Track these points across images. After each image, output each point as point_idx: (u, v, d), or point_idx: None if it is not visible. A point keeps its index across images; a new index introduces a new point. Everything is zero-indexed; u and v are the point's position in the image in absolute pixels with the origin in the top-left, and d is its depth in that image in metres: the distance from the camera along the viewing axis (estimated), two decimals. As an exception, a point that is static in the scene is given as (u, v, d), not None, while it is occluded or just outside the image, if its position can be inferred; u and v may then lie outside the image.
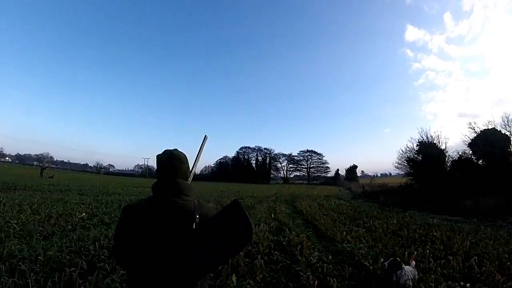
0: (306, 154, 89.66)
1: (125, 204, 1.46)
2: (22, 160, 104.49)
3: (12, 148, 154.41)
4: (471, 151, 17.49)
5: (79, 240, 5.06)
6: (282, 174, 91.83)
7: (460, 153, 18.30)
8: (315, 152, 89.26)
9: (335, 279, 4.19)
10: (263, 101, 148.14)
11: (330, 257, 5.53)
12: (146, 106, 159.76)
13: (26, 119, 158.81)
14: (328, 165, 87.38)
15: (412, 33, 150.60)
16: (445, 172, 18.64)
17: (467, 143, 17.76)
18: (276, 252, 5.40)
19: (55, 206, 9.16)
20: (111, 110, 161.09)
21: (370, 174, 78.12)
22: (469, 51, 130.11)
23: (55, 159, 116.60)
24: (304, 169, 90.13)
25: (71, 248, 4.49)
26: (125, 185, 26.45)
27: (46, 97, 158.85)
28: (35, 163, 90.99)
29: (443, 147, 20.30)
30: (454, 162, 18.56)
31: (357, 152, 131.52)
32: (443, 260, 5.21)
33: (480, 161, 16.86)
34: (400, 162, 23.55)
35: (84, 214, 8.08)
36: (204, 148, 1.57)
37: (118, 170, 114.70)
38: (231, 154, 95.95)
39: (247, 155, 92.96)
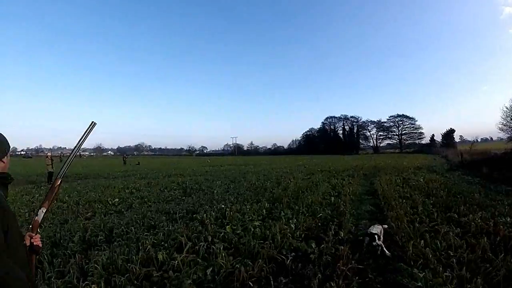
0: (397, 120, 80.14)
1: None
2: (123, 151, 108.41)
3: (114, 142, 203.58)
4: None
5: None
6: (372, 143, 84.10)
7: None
8: (406, 117, 79.35)
9: None
10: (347, 66, 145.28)
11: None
12: (232, 89, 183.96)
13: (128, 115, 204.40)
14: (422, 131, 77.56)
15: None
16: None
17: None
18: (282, 279, 3.12)
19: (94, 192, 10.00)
20: (201, 95, 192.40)
21: (469, 139, 67.32)
22: None
23: (153, 147, 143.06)
24: (395, 136, 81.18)
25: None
26: (204, 165, 28.97)
27: (144, 95, 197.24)
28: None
29: None
30: None
31: (453, 115, 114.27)
32: None
33: None
34: (505, 123, 18.73)
35: (116, 199, 8.52)
36: (89, 134, 1.53)
37: (211, 150, 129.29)
38: (317, 125, 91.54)
39: (333, 125, 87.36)
